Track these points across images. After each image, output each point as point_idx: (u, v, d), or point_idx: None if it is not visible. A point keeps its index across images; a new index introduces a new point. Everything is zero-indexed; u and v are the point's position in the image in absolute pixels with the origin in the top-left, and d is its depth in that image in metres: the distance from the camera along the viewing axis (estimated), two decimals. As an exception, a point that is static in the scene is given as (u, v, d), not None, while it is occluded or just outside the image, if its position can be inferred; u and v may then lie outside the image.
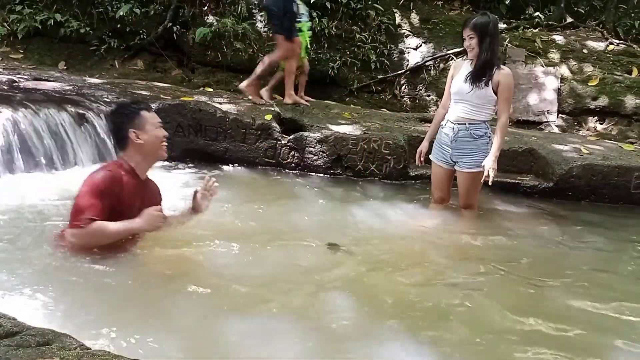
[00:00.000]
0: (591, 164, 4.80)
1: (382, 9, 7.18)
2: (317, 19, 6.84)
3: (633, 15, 7.90)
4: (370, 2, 7.13)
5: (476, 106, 3.82)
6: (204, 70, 7.00)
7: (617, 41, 7.38)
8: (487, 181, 3.79)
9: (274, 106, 5.39)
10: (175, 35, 6.93)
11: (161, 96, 5.21)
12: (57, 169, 4.08)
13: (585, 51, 7.16)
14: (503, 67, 3.91)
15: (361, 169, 4.94)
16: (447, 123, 3.97)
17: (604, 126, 6.81)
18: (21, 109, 4.11)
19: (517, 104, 6.67)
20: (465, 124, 3.86)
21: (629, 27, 7.69)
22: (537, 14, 7.72)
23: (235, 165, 5.02)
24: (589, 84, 6.83)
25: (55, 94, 4.83)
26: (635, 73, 6.96)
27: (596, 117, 6.85)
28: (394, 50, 7.18)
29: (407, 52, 7.19)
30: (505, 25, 7.27)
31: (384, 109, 6.65)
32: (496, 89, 3.78)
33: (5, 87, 4.87)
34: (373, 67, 7.02)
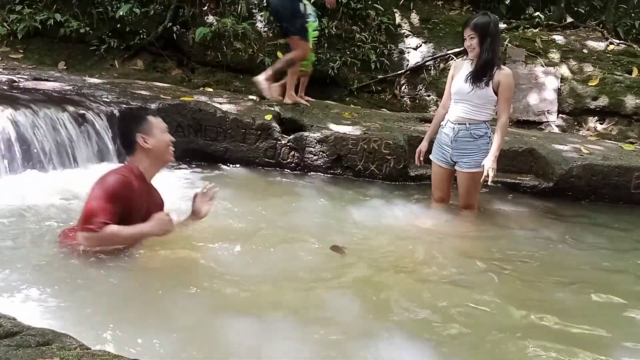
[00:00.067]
0: (591, 164, 4.80)
1: (382, 9, 7.17)
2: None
3: (633, 15, 7.90)
4: (370, 2, 7.13)
5: (476, 106, 3.83)
6: (204, 70, 6.99)
7: (617, 41, 7.38)
8: (487, 181, 3.81)
9: (273, 106, 5.38)
10: (175, 35, 6.93)
11: (161, 96, 5.20)
12: (56, 168, 4.08)
13: (585, 51, 7.16)
14: (503, 67, 3.92)
15: (361, 169, 4.94)
16: (447, 123, 3.97)
17: (604, 126, 6.81)
18: (21, 108, 4.10)
19: (517, 104, 6.67)
20: (466, 124, 3.86)
21: (629, 27, 7.68)
22: (537, 14, 7.71)
23: (235, 165, 5.02)
24: (589, 84, 6.82)
25: (55, 94, 4.82)
26: (635, 73, 6.96)
27: (596, 117, 6.84)
28: (394, 50, 7.18)
29: (407, 52, 7.18)
30: (505, 25, 7.27)
31: (384, 109, 6.65)
32: (497, 89, 3.78)
33: (5, 87, 4.87)
34: (373, 67, 7.02)
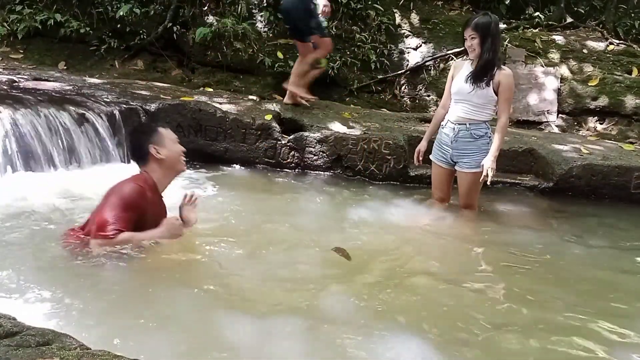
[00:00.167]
0: (591, 164, 4.80)
1: (382, 9, 7.17)
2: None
3: (633, 15, 7.90)
4: (370, 2, 7.13)
5: (477, 106, 3.82)
6: (204, 70, 6.98)
7: (617, 41, 7.37)
8: (486, 181, 3.81)
9: (273, 106, 5.38)
10: (175, 35, 6.92)
11: (161, 96, 5.20)
12: (56, 168, 4.08)
13: (585, 51, 7.16)
14: (504, 67, 3.92)
15: (361, 169, 4.94)
16: (447, 123, 3.97)
17: (604, 126, 6.80)
18: (21, 109, 4.10)
19: (517, 104, 6.66)
20: (466, 124, 3.86)
21: (629, 27, 7.68)
22: (537, 14, 7.71)
23: (235, 165, 5.02)
24: (589, 84, 6.82)
25: (55, 94, 4.82)
26: (635, 73, 6.95)
27: (596, 117, 6.83)
28: (394, 50, 7.17)
29: (407, 52, 7.18)
30: (505, 25, 7.26)
31: (384, 109, 6.64)
32: (497, 89, 3.78)
33: (5, 87, 4.87)
34: (373, 67, 7.01)
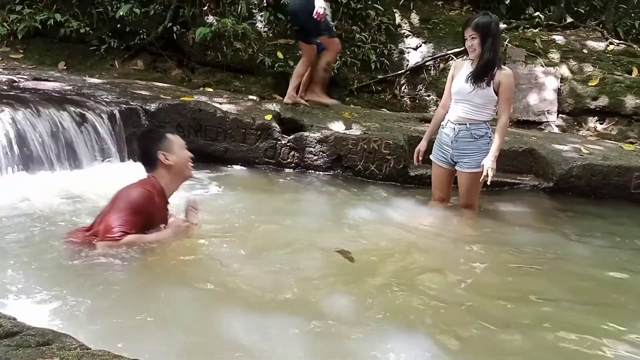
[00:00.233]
0: (591, 164, 4.80)
1: (382, 9, 7.17)
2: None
3: (633, 15, 7.90)
4: (370, 2, 7.13)
5: (477, 106, 3.82)
6: (204, 70, 6.98)
7: (617, 41, 7.37)
8: (486, 181, 3.81)
9: (273, 106, 5.38)
10: (175, 35, 6.92)
11: (161, 96, 5.20)
12: (56, 168, 4.08)
13: (585, 51, 7.16)
14: (504, 67, 3.92)
15: (361, 169, 4.94)
16: (447, 123, 3.97)
17: (604, 126, 6.80)
18: (21, 109, 4.10)
19: (517, 104, 6.66)
20: (466, 124, 3.86)
21: (629, 27, 7.68)
22: (537, 14, 7.71)
23: (235, 165, 5.02)
24: (589, 84, 6.82)
25: (55, 94, 4.82)
26: (635, 73, 6.95)
27: (596, 117, 6.83)
28: (394, 50, 7.17)
29: (407, 52, 7.18)
30: (505, 25, 7.26)
31: (384, 109, 6.64)
32: (497, 89, 3.78)
33: (5, 87, 4.86)
34: (373, 67, 7.01)
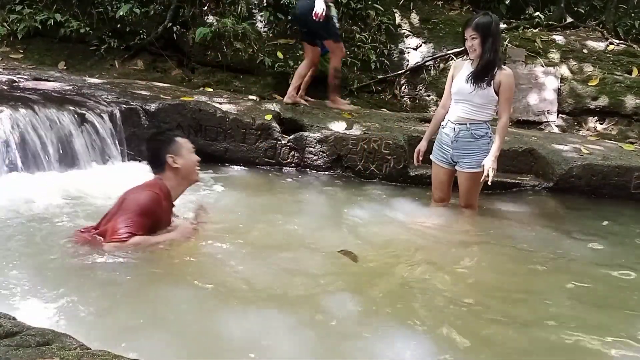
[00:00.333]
0: (591, 164, 4.81)
1: (382, 9, 7.17)
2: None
3: (633, 15, 7.90)
4: (370, 2, 7.13)
5: (477, 106, 3.82)
6: (204, 70, 6.98)
7: (617, 41, 7.38)
8: (487, 181, 3.81)
9: (273, 106, 5.38)
10: (175, 35, 6.92)
11: (161, 96, 5.20)
12: (56, 169, 4.08)
13: (585, 51, 7.16)
14: (504, 67, 3.91)
15: (361, 169, 4.94)
16: (447, 123, 3.97)
17: (604, 126, 6.80)
18: (21, 109, 4.10)
19: (517, 104, 6.66)
20: (466, 124, 3.86)
21: (629, 27, 7.68)
22: (537, 14, 7.72)
23: (235, 165, 5.02)
24: (589, 84, 6.82)
25: (55, 94, 4.82)
26: (635, 73, 6.95)
27: (596, 117, 6.83)
28: (394, 50, 7.18)
29: (407, 52, 7.18)
30: (505, 25, 7.26)
31: (384, 109, 6.64)
32: (497, 89, 3.78)
33: (5, 87, 4.87)
34: (373, 67, 7.01)
